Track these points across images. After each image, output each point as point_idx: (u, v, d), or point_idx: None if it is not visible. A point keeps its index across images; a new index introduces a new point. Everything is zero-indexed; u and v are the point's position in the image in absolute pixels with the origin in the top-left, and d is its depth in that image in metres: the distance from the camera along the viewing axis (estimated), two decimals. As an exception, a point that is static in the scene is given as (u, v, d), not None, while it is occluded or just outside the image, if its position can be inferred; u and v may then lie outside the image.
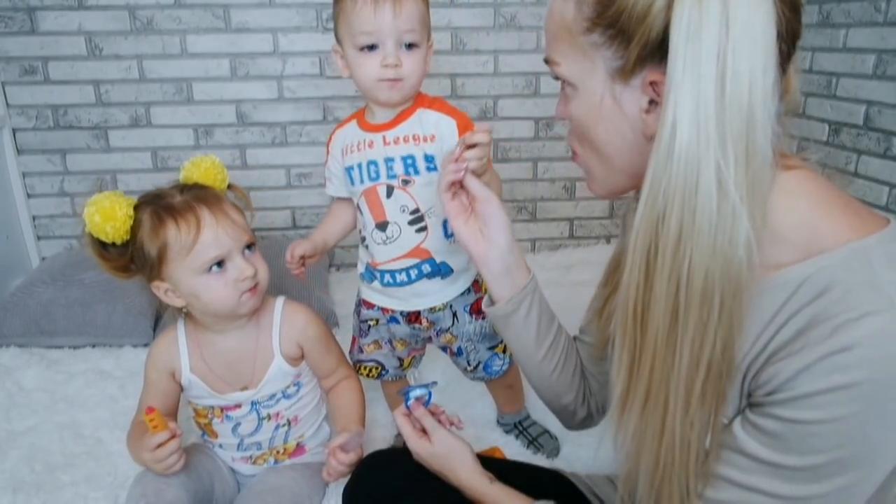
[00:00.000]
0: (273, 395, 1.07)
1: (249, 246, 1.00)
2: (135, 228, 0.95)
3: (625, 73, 0.56)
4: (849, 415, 0.49)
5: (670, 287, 0.52)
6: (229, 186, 1.06)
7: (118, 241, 0.95)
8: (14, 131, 1.96)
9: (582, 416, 0.88)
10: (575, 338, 0.90)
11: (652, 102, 0.56)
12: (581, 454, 1.25)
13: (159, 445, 0.94)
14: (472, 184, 0.78)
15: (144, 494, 0.96)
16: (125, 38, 1.90)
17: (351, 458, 0.98)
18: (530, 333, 0.80)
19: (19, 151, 1.98)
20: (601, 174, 0.66)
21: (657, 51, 0.53)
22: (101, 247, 0.96)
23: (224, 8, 1.91)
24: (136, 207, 0.96)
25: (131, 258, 0.98)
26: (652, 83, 0.55)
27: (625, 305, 0.56)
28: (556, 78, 0.63)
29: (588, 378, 0.88)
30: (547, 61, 0.64)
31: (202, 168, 1.03)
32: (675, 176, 0.50)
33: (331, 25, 2.00)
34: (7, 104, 1.92)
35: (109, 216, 0.92)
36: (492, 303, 0.81)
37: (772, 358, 0.53)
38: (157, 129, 2.00)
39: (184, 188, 0.99)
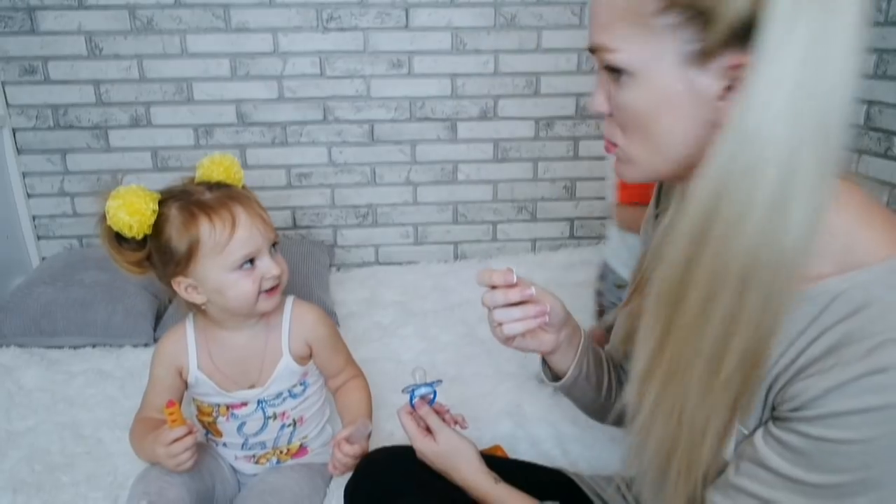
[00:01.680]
0: (280, 394, 1.07)
1: (274, 245, 1.00)
2: (160, 223, 0.94)
3: (703, 57, 0.52)
4: (880, 436, 0.48)
5: (714, 269, 0.51)
6: (242, 187, 1.05)
7: (138, 236, 0.94)
8: (14, 131, 1.95)
9: None
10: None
11: (728, 88, 0.52)
12: (585, 454, 1.24)
13: (176, 440, 0.93)
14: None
15: (147, 493, 0.95)
16: (125, 37, 1.90)
17: (356, 450, 0.97)
18: (591, 384, 0.84)
19: (19, 151, 1.98)
20: (646, 162, 0.60)
21: (741, 32, 0.49)
22: (118, 241, 0.95)
23: (224, 8, 1.90)
24: (161, 202, 0.95)
25: (148, 253, 0.97)
26: (733, 67, 0.51)
27: (663, 280, 0.55)
28: (606, 67, 0.58)
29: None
30: (594, 49, 0.58)
31: (223, 166, 1.02)
32: (747, 157, 0.48)
33: (331, 25, 2.00)
34: (7, 104, 1.92)
35: (136, 210, 0.91)
36: (553, 376, 0.84)
37: (801, 373, 0.52)
38: (157, 129, 2.00)
39: (210, 186, 0.98)
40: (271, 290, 1.00)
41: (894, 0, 1.62)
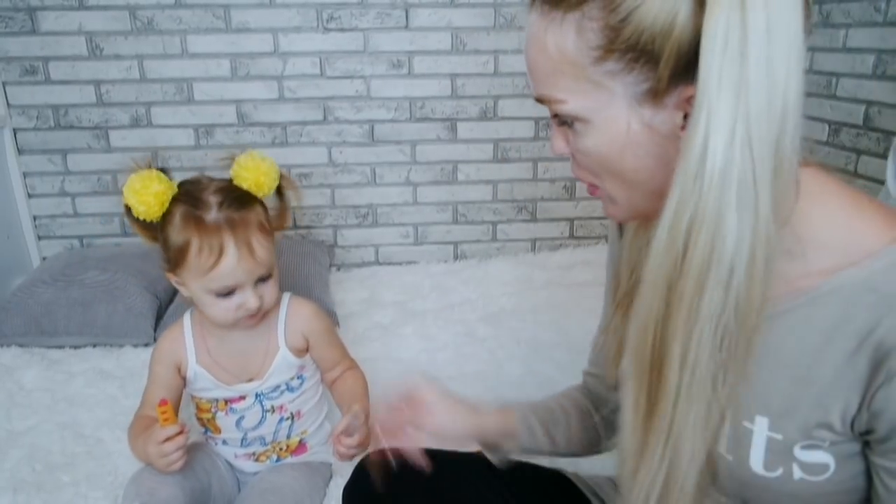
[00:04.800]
0: (277, 387, 1.08)
1: (265, 278, 1.01)
2: (166, 216, 0.96)
3: (656, 95, 0.51)
4: None
5: (689, 318, 0.50)
6: (282, 178, 1.06)
7: (148, 220, 0.97)
8: (15, 131, 1.96)
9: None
10: (585, 373, 0.91)
11: (687, 117, 0.51)
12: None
13: (167, 439, 0.93)
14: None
15: (139, 494, 0.96)
16: (125, 38, 1.90)
17: (356, 440, 0.97)
18: (544, 446, 0.84)
19: (20, 151, 1.98)
20: (629, 200, 0.59)
21: (691, 64, 0.48)
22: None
23: (224, 8, 1.91)
24: (175, 199, 0.97)
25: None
26: (689, 98, 0.50)
27: (641, 335, 0.53)
28: (556, 116, 0.57)
29: (603, 410, 0.87)
30: (542, 100, 0.57)
31: (254, 174, 1.01)
32: (705, 197, 0.47)
33: (331, 25, 2.01)
34: (8, 104, 1.92)
35: (142, 200, 0.94)
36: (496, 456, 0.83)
37: (864, 383, 0.51)
38: (157, 130, 2.00)
39: (223, 200, 0.97)
40: (250, 316, 1.01)
41: (893, 1, 1.62)
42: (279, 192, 1.07)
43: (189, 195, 0.98)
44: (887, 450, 0.52)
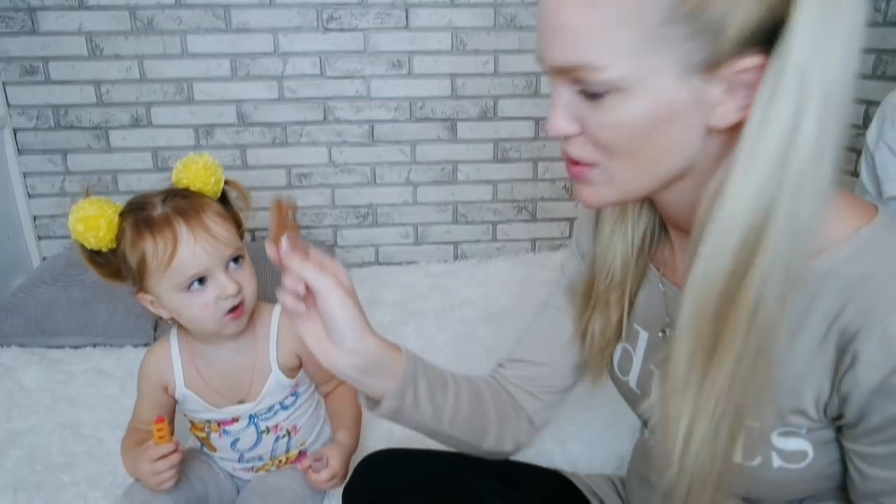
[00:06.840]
0: (271, 408, 1.05)
1: (236, 259, 0.95)
2: (119, 237, 0.92)
3: (712, 66, 0.48)
4: None
5: (767, 273, 0.49)
6: (227, 183, 1.01)
7: (104, 249, 0.92)
8: (15, 131, 1.96)
9: (509, 450, 0.83)
10: (510, 361, 0.88)
11: (726, 91, 0.50)
12: (585, 452, 1.25)
13: (161, 457, 0.91)
14: (305, 272, 0.62)
15: None
16: (126, 38, 1.90)
17: (324, 475, 0.98)
18: (426, 415, 0.73)
19: (20, 151, 1.98)
20: (630, 182, 0.56)
21: (755, 37, 0.47)
22: (90, 252, 0.94)
23: (224, 8, 1.91)
24: (122, 214, 0.93)
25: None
26: (738, 72, 0.48)
27: (705, 297, 0.52)
28: (582, 91, 0.52)
29: (518, 405, 0.85)
30: (568, 70, 0.51)
31: (192, 171, 0.97)
32: (794, 171, 0.47)
33: (331, 25, 2.00)
34: (8, 104, 1.92)
35: (92, 225, 0.90)
36: (372, 403, 0.71)
37: (830, 371, 0.52)
38: (157, 129, 2.00)
39: (167, 196, 0.94)
40: (235, 310, 0.94)
41: (893, 1, 1.62)
42: (224, 199, 1.00)
43: (134, 205, 0.94)
44: (858, 434, 0.53)
